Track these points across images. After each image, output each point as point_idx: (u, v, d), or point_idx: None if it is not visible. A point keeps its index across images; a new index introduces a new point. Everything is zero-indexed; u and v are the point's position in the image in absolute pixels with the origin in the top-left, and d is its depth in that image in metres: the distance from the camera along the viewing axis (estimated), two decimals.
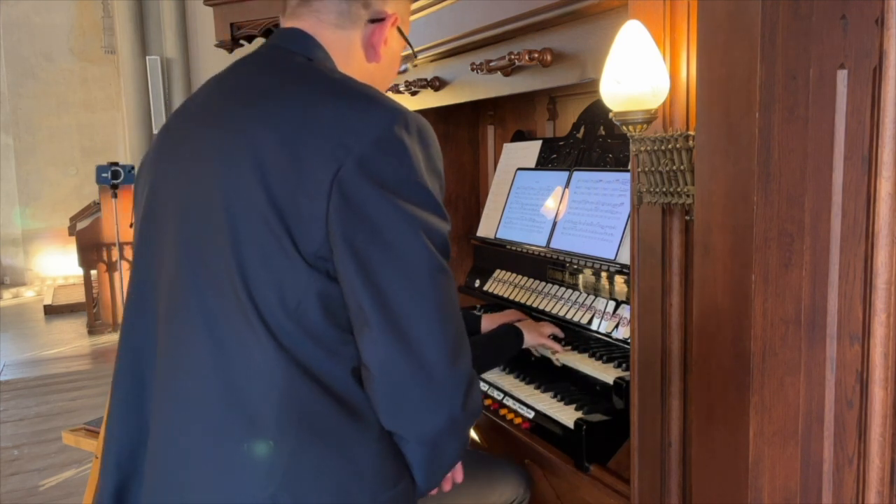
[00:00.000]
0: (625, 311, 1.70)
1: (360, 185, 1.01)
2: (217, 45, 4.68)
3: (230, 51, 4.74)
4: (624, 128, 1.22)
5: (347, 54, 1.22)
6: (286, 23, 1.25)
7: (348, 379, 1.08)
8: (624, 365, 1.64)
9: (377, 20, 1.23)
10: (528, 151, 2.28)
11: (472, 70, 1.83)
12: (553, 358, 1.81)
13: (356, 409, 1.09)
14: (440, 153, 1.12)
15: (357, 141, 1.02)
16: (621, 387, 1.55)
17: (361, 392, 1.09)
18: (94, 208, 7.72)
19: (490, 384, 1.90)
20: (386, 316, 1.03)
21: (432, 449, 1.14)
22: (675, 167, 1.20)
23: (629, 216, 1.38)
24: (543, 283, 2.02)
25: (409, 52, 1.37)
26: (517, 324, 1.85)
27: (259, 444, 1.05)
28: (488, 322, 1.93)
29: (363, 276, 1.02)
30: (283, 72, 1.16)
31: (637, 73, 1.16)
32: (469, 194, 2.64)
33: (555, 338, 1.84)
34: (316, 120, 1.05)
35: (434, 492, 1.29)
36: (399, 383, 1.05)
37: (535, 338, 1.82)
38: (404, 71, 1.36)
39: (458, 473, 1.38)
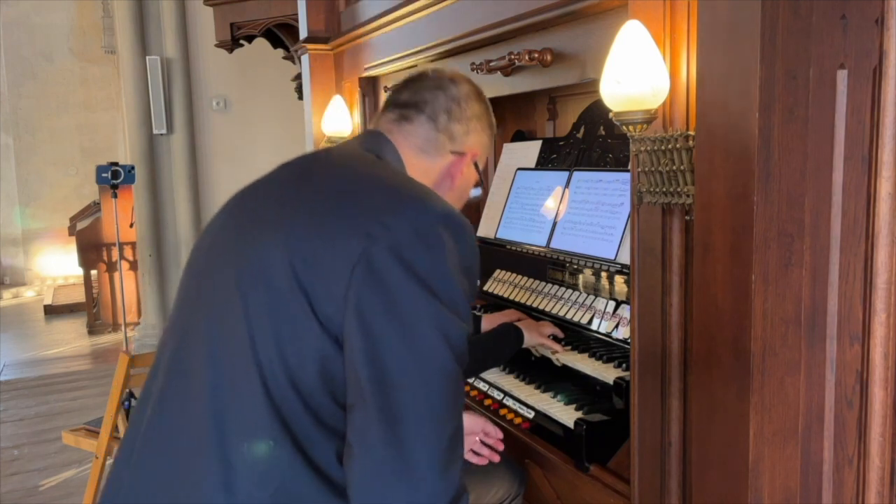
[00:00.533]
0: (625, 311, 1.70)
1: (388, 262, 1.00)
2: (217, 45, 4.69)
3: (230, 51, 4.75)
4: (624, 128, 1.22)
5: (423, 177, 1.25)
6: (374, 125, 1.32)
7: (332, 457, 1.05)
8: (624, 365, 1.64)
9: (460, 153, 1.29)
10: (528, 151, 2.28)
11: (472, 70, 1.83)
12: (553, 358, 1.81)
13: (336, 487, 1.05)
14: (477, 257, 1.11)
15: (396, 225, 1.02)
16: (621, 387, 1.55)
17: (342, 472, 1.04)
18: (94, 208, 7.72)
19: (490, 384, 1.90)
20: (383, 398, 0.98)
21: None
22: (675, 167, 1.20)
23: (629, 216, 1.38)
24: (543, 283, 2.02)
25: (479, 183, 1.41)
26: (517, 323, 1.85)
27: (234, 497, 1.02)
28: (488, 322, 1.93)
29: (367, 348, 0.99)
30: (348, 159, 1.22)
31: (637, 73, 1.16)
32: None
33: (555, 338, 1.84)
34: (364, 201, 1.08)
35: None
36: (379, 472, 0.98)
37: (535, 337, 1.82)
38: (473, 198, 1.43)
39: None
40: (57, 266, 9.76)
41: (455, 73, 1.35)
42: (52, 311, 8.09)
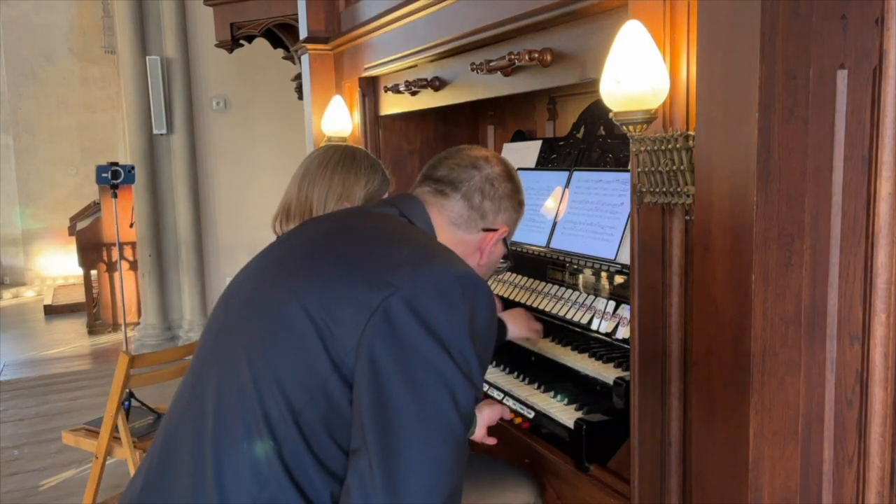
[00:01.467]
0: (625, 311, 1.70)
1: (405, 314, 1.01)
2: (217, 45, 4.69)
3: (230, 51, 4.75)
4: (624, 128, 1.22)
5: (453, 248, 1.27)
6: (414, 191, 1.37)
7: (326, 497, 1.05)
8: (624, 365, 1.64)
9: (491, 229, 1.34)
10: (528, 151, 2.28)
11: (472, 70, 1.83)
12: (528, 345, 1.82)
13: None
14: (494, 323, 1.13)
15: (418, 281, 1.04)
16: (621, 387, 1.55)
17: None
18: (94, 208, 7.72)
19: (490, 384, 1.90)
20: (385, 448, 0.99)
21: None
22: (675, 167, 1.20)
23: (629, 216, 1.38)
24: (543, 283, 2.02)
25: (507, 255, 1.43)
26: (501, 315, 1.85)
27: None
28: None
29: (375, 396, 1.00)
30: (381, 219, 1.27)
31: (637, 73, 1.16)
32: None
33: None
34: (389, 257, 1.11)
35: None
36: None
37: (519, 331, 1.84)
38: (500, 271, 1.49)
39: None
40: (57, 266, 9.76)
41: (490, 152, 1.39)
42: (52, 311, 8.09)
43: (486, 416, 1.54)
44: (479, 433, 1.53)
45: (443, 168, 1.35)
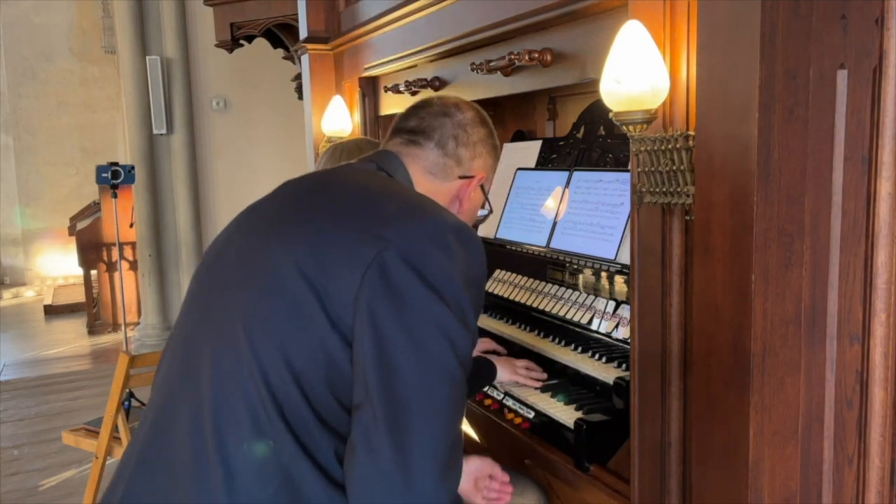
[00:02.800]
0: (625, 311, 1.70)
1: (400, 267, 1.03)
2: (217, 45, 4.69)
3: (230, 51, 4.75)
4: (624, 128, 1.22)
5: (433, 195, 1.27)
6: (385, 146, 1.35)
7: (331, 455, 1.06)
8: (624, 365, 1.64)
9: (468, 176, 1.33)
10: (528, 151, 2.28)
11: (472, 70, 1.83)
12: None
13: (334, 486, 1.05)
14: (485, 270, 1.15)
15: (410, 233, 1.06)
16: (621, 387, 1.55)
17: (341, 471, 1.05)
18: (94, 208, 7.72)
19: (490, 384, 1.90)
20: (388, 399, 1.00)
21: None
22: (675, 167, 1.20)
23: (629, 216, 1.38)
24: (543, 283, 2.02)
25: (487, 204, 1.44)
26: (492, 358, 1.84)
27: (235, 496, 1.02)
28: None
29: (377, 349, 1.01)
30: (361, 175, 1.26)
31: (637, 73, 1.16)
32: None
33: (548, 385, 1.81)
34: (377, 211, 1.11)
35: None
36: (379, 472, 1.00)
37: (508, 375, 1.82)
38: (478, 222, 1.48)
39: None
40: (57, 266, 9.76)
41: (459, 99, 1.38)
42: (52, 311, 8.09)
43: (474, 468, 1.45)
44: (466, 485, 1.43)
45: (413, 119, 1.34)
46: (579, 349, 1.79)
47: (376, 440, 1.00)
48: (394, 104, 2.52)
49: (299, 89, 3.98)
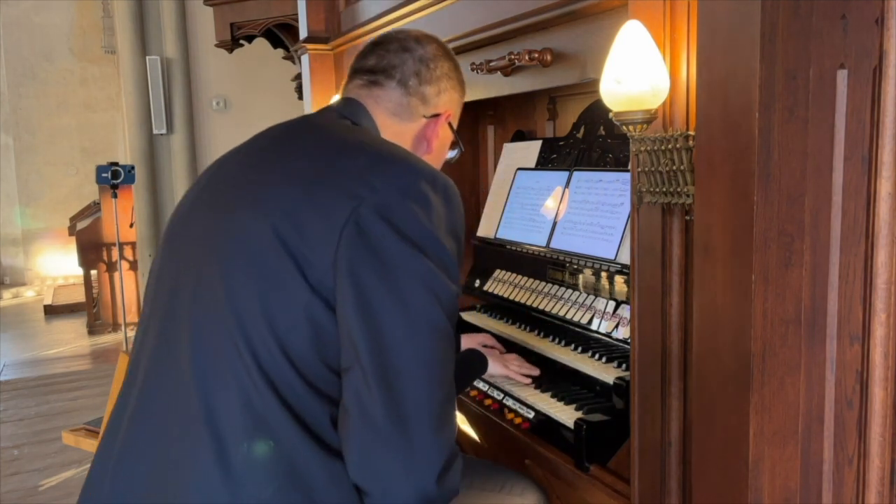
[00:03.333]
0: (625, 311, 1.70)
1: (376, 224, 1.00)
2: (217, 45, 4.69)
3: (230, 51, 4.75)
4: (624, 128, 1.22)
5: (398, 141, 1.24)
6: (343, 95, 1.30)
7: (327, 422, 1.04)
8: (624, 365, 1.64)
9: (433, 115, 1.28)
10: (528, 151, 2.28)
11: (472, 70, 1.83)
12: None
13: (333, 452, 1.04)
14: (463, 219, 1.12)
15: (382, 186, 1.02)
16: (621, 387, 1.55)
17: (336, 436, 1.04)
18: (94, 208, 7.72)
19: (490, 384, 1.90)
20: (376, 357, 0.99)
21: None
22: (675, 167, 1.20)
23: (629, 216, 1.38)
24: (543, 283, 2.02)
25: (457, 143, 1.40)
26: (483, 351, 1.84)
27: (230, 472, 1.00)
28: (465, 342, 1.91)
29: (361, 311, 0.99)
30: (327, 126, 1.20)
31: (637, 73, 1.16)
32: (469, 194, 2.64)
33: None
34: (348, 165, 1.07)
35: None
36: (375, 433, 0.99)
37: (500, 369, 1.82)
38: (449, 160, 1.43)
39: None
40: (57, 266, 9.76)
41: (420, 32, 1.32)
42: (52, 311, 8.09)
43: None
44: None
45: (372, 57, 1.27)
46: (579, 349, 1.79)
47: (369, 403, 0.99)
48: None
49: (299, 89, 3.98)
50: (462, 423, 1.96)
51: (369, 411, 0.99)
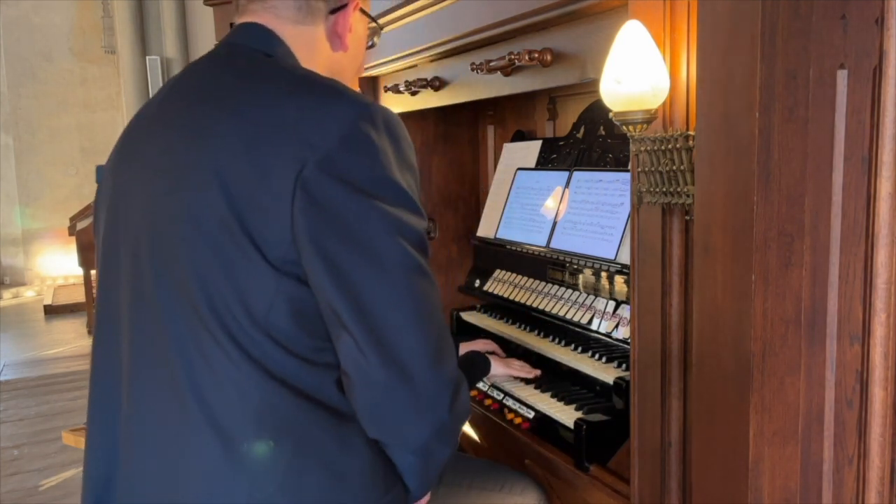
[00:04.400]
0: (625, 311, 1.70)
1: (325, 184, 0.95)
2: None
3: None
4: (624, 128, 1.22)
5: (311, 48, 1.16)
6: (240, 19, 1.18)
7: (331, 388, 1.04)
8: (624, 365, 1.64)
9: (338, 8, 1.16)
10: (528, 151, 2.28)
11: (472, 70, 1.83)
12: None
13: (342, 415, 1.04)
14: (411, 145, 1.06)
15: (321, 139, 0.96)
16: (621, 387, 1.55)
17: (346, 399, 1.04)
18: (94, 208, 7.72)
19: (490, 384, 1.90)
20: (362, 320, 0.97)
21: (422, 456, 1.08)
22: (675, 167, 1.20)
23: (629, 216, 1.38)
24: (543, 283, 2.02)
25: (375, 27, 1.30)
26: (486, 354, 1.85)
27: (239, 461, 1.00)
28: (462, 349, 1.92)
29: (334, 279, 0.97)
30: (241, 71, 1.09)
31: (637, 73, 1.16)
32: (469, 194, 2.64)
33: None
34: (277, 120, 0.99)
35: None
36: (380, 391, 0.99)
37: (502, 369, 1.82)
38: (371, 46, 1.31)
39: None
40: (57, 266, 9.75)
41: None
42: (52, 311, 8.09)
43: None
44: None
45: None
46: (579, 349, 1.79)
47: (365, 365, 0.98)
48: (394, 104, 2.52)
49: None
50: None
51: (368, 371, 0.99)
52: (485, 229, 2.34)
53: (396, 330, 0.99)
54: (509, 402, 1.80)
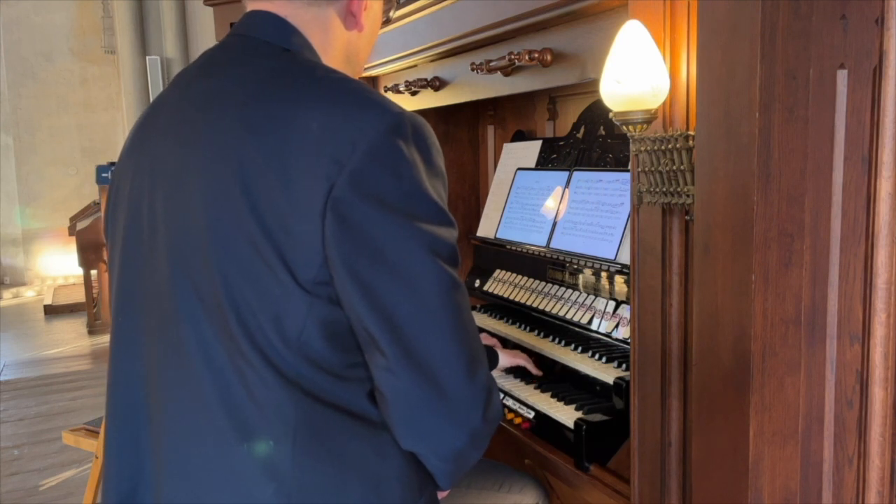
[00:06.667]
0: (625, 311, 1.70)
1: (355, 203, 0.93)
2: None
3: None
4: (624, 128, 1.22)
5: (326, 32, 1.13)
6: (251, 5, 1.14)
7: (363, 400, 1.04)
8: (624, 365, 1.64)
9: None
10: (528, 151, 2.28)
11: (472, 70, 1.83)
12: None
13: (375, 424, 1.05)
14: (440, 150, 1.05)
15: (349, 154, 0.93)
16: (621, 387, 1.55)
17: (377, 408, 1.05)
18: (94, 208, 7.72)
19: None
20: (397, 342, 0.96)
21: (455, 462, 1.10)
22: (675, 167, 1.20)
23: (629, 216, 1.38)
24: (543, 283, 2.02)
25: (391, 3, 1.29)
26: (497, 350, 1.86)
27: (276, 477, 1.00)
28: None
29: (368, 301, 0.96)
30: (260, 73, 1.05)
31: (637, 73, 1.16)
32: (469, 194, 2.64)
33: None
34: (303, 133, 0.96)
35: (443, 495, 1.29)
36: (416, 408, 1.00)
37: (509, 360, 1.82)
38: (387, 22, 1.29)
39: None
40: (57, 266, 9.76)
41: None
42: (52, 311, 8.09)
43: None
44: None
45: None
46: (579, 349, 1.79)
47: (400, 385, 0.98)
48: None
49: None
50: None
51: (403, 391, 0.99)
52: (485, 229, 2.34)
53: (432, 351, 0.98)
54: (509, 402, 1.80)
